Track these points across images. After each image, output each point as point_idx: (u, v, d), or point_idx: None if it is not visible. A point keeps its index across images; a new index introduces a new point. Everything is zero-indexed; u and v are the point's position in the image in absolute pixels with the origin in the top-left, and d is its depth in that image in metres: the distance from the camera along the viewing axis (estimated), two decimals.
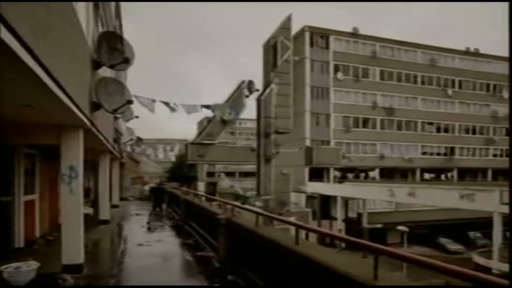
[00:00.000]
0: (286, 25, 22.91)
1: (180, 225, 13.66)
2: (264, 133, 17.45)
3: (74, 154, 6.82)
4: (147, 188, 24.66)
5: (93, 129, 7.49)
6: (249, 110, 21.21)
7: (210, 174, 79.60)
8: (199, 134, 18.01)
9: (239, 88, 17.91)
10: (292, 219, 17.63)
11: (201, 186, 78.36)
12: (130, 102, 6.92)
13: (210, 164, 23.46)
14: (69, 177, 6.76)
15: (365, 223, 36.42)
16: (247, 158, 22.08)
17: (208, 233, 9.35)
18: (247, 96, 17.85)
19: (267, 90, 17.39)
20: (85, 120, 6.49)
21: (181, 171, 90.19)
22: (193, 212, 11.81)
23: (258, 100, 17.65)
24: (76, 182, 6.84)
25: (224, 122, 17.28)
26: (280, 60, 18.56)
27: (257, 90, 18.41)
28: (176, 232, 12.31)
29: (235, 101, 17.14)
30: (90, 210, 15.35)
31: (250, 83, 18.16)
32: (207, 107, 12.02)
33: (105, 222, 13.26)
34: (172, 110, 11.42)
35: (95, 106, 6.94)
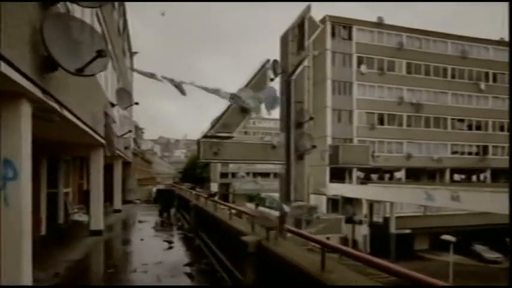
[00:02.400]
0: (305, 15, 20.11)
1: (189, 237, 11.02)
2: (295, 123, 14.62)
3: (12, 140, 4.18)
4: (154, 190, 22.19)
5: (53, 104, 4.87)
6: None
7: (224, 175, 77.32)
8: (213, 125, 15.19)
9: (262, 69, 15.07)
10: (322, 227, 14.82)
11: (214, 187, 76.47)
12: (102, 53, 4.23)
13: (225, 163, 20.49)
14: (3, 180, 4.11)
15: (393, 228, 33.38)
16: (266, 156, 19.36)
17: (227, 256, 6.65)
18: (272, 80, 14.98)
19: (298, 70, 14.60)
20: (26, 83, 3.86)
21: (194, 172, 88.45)
22: (206, 222, 9.15)
23: (287, 82, 14.88)
24: (15, 187, 4.19)
25: (244, 111, 14.42)
26: (307, 42, 15.78)
27: (283, 72, 15.57)
28: (184, 248, 9.67)
29: (258, 84, 14.25)
30: (84, 218, 12.88)
31: (276, 62, 15.26)
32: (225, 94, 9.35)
33: (98, 233, 10.70)
34: (182, 92, 8.81)
35: (48, 62, 4.30)
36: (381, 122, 40.04)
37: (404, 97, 40.48)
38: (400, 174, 40.98)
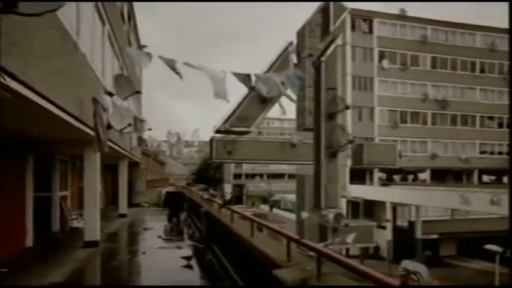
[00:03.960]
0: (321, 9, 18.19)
1: (200, 249, 9.32)
2: (327, 113, 12.64)
3: None
4: (163, 192, 20.64)
5: None
6: (276, 109, 17.11)
7: (237, 176, 75.71)
8: (228, 118, 13.23)
9: (284, 52, 13.17)
10: (352, 237, 12.91)
11: (228, 189, 75.07)
12: None
13: (240, 163, 18.66)
14: None
15: (419, 233, 31.20)
16: (285, 156, 17.59)
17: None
18: (296, 65, 13.00)
19: (330, 49, 12.65)
20: None
21: (207, 173, 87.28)
22: (220, 234, 7.43)
23: (317, 65, 12.98)
24: None
25: (264, 101, 12.54)
26: (333, 26, 13.86)
27: (310, 55, 13.66)
28: (187, 263, 7.96)
29: (280, 70, 12.33)
30: (84, 224, 11.27)
31: (299, 45, 13.40)
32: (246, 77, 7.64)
33: (93, 244, 9.07)
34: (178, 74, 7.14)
35: None
36: (404, 120, 37.81)
37: (428, 93, 38.16)
38: (425, 176, 38.61)
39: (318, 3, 18.22)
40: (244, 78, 7.81)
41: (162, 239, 10.97)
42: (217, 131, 13.62)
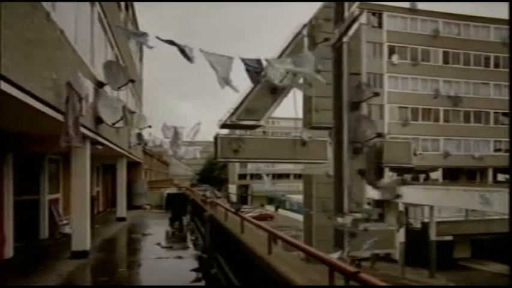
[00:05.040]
0: (329, 4, 16.75)
1: (204, 259, 8.18)
2: (350, 103, 11.36)
3: None
4: (165, 194, 19.50)
5: None
6: (281, 108, 15.99)
7: (242, 176, 74.62)
8: (236, 109, 11.89)
9: (298, 36, 11.82)
10: (372, 243, 11.69)
11: (233, 189, 73.99)
12: None
13: (247, 162, 17.39)
14: None
15: (433, 235, 29.86)
16: (295, 154, 16.39)
17: None
18: (311, 49, 11.67)
19: (352, 30, 11.38)
20: None
21: (212, 173, 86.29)
22: (228, 244, 6.27)
23: (338, 47, 11.71)
24: None
25: (274, 91, 11.22)
26: (348, 12, 12.62)
27: (326, 39, 12.39)
28: (196, 277, 6.82)
29: (294, 54, 10.95)
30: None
31: (314, 28, 12.10)
32: (255, 63, 6.51)
33: (81, 255, 7.94)
34: (189, 59, 6.11)
35: None
36: (415, 117, 36.50)
37: (440, 90, 36.82)
38: (437, 175, 37.23)
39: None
40: (254, 64, 6.67)
41: (161, 247, 9.82)
42: (223, 125, 12.31)
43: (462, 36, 37.27)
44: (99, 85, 8.20)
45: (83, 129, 7.16)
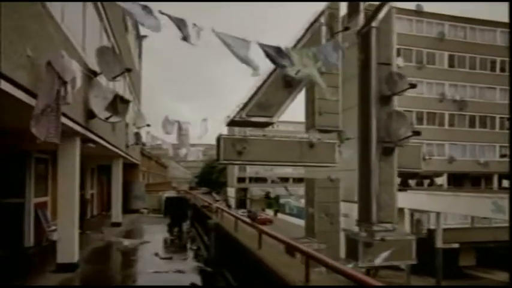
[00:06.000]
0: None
1: (209, 274, 7.20)
2: (379, 96, 10.32)
3: None
4: (163, 198, 18.48)
5: None
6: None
7: (241, 179, 73.56)
8: (245, 104, 10.61)
9: (315, 23, 10.68)
10: (388, 254, 10.73)
11: (231, 192, 73.06)
12: None
13: (251, 164, 16.29)
14: None
15: (439, 242, 28.97)
16: (301, 157, 15.42)
17: None
18: (328, 39, 10.55)
19: (381, 14, 10.42)
20: None
21: (211, 176, 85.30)
22: (238, 258, 5.29)
23: (364, 33, 10.75)
24: None
25: (289, 84, 10.08)
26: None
27: (346, 28, 11.41)
28: None
29: (310, 45, 9.82)
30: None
31: (331, 16, 11.03)
32: (275, 50, 5.59)
33: (68, 268, 6.93)
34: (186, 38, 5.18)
35: None
36: (420, 121, 35.57)
37: (446, 93, 35.97)
38: (442, 180, 36.39)
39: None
40: (273, 52, 5.72)
41: (159, 257, 8.81)
42: (231, 122, 11.17)
43: (468, 39, 36.55)
44: (92, 74, 7.23)
45: (71, 124, 6.21)
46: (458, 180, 37.09)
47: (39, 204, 9.83)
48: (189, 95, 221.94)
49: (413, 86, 11.58)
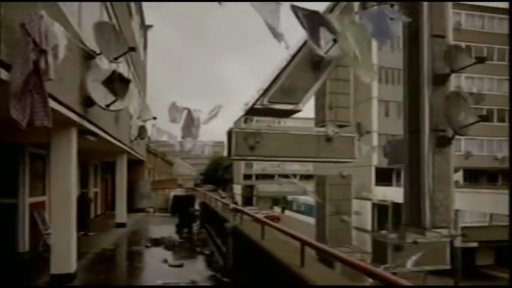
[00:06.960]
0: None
1: (226, 285, 6.16)
2: (432, 76, 9.15)
3: None
4: (171, 196, 17.50)
5: None
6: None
7: (247, 176, 72.53)
8: (266, 89, 9.22)
9: None
10: (420, 258, 9.63)
11: (238, 189, 72.24)
12: None
13: (264, 160, 15.22)
14: None
15: (458, 241, 27.85)
16: (318, 152, 14.34)
17: None
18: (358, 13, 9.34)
19: None
20: None
21: (216, 173, 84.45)
22: (267, 276, 4.23)
23: (412, 5, 9.67)
24: None
25: (317, 66, 8.84)
26: None
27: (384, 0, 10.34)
28: None
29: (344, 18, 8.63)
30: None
31: None
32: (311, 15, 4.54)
33: (64, 279, 5.94)
34: None
35: None
36: None
37: (462, 86, 34.57)
38: (457, 176, 35.10)
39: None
40: (306, 16, 4.61)
41: (168, 265, 7.78)
42: (250, 110, 9.90)
43: (486, 29, 35.11)
44: (93, 53, 6.18)
45: (65, 111, 5.17)
46: (474, 177, 35.90)
47: (35, 204, 8.85)
48: (197, 94, 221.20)
49: (482, 59, 10.24)
